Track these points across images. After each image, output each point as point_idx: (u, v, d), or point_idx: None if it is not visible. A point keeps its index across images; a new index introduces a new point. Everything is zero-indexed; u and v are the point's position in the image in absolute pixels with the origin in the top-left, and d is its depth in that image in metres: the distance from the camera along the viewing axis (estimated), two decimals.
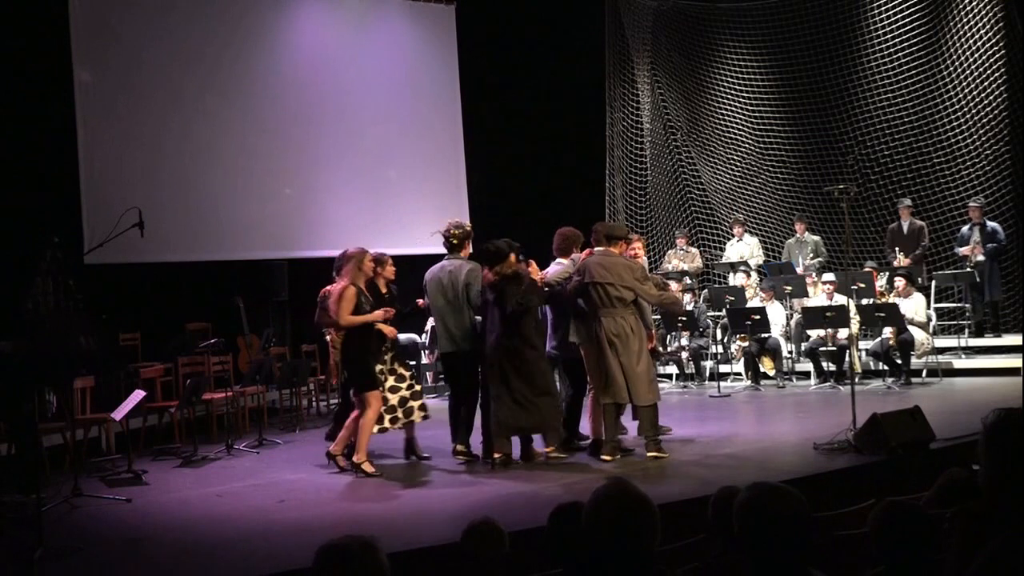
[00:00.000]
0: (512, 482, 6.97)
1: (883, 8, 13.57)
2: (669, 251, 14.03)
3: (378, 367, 7.59)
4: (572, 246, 8.14)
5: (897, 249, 12.31)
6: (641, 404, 7.40)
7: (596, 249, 7.65)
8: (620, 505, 2.59)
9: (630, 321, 7.43)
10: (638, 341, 7.42)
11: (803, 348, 11.51)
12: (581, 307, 7.60)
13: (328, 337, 9.75)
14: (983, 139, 12.82)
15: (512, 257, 7.57)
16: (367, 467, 7.31)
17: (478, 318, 7.86)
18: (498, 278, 7.47)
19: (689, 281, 12.88)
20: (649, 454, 7.39)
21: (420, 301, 8.25)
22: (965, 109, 12.93)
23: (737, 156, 14.60)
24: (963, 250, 12.13)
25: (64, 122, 10.99)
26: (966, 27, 12.93)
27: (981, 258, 11.97)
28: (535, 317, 7.65)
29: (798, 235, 13.13)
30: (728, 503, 3.18)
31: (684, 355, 12.11)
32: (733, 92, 14.64)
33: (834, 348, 11.11)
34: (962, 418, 7.68)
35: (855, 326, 10.51)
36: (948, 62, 13.10)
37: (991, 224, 12.07)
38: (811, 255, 12.91)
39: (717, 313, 12.36)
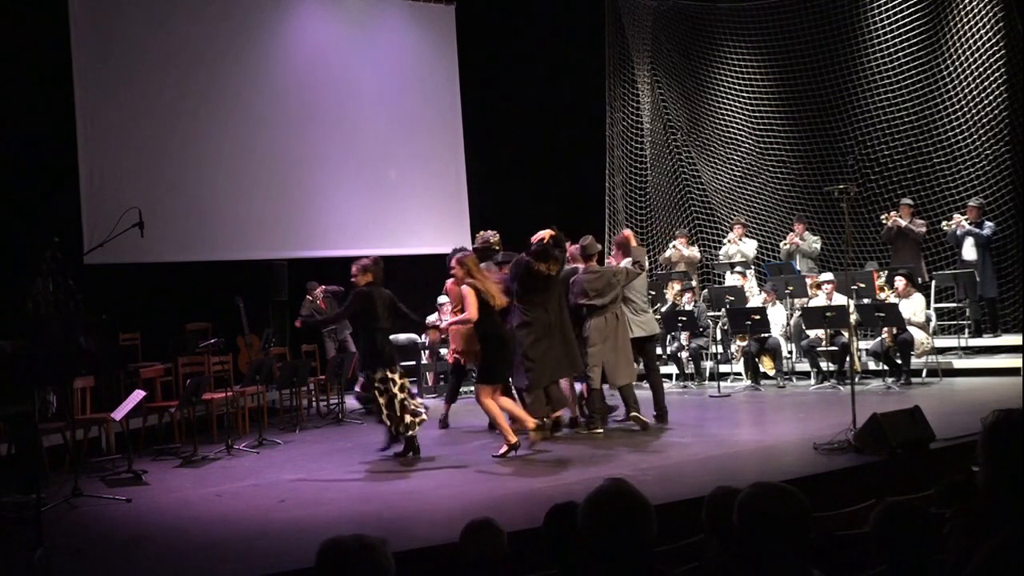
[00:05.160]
0: (511, 481, 6.99)
1: (883, 8, 13.57)
2: (674, 242, 13.95)
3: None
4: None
5: (894, 214, 12.29)
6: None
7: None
8: (616, 504, 2.59)
9: None
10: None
11: (803, 346, 11.50)
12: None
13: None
14: (983, 139, 12.81)
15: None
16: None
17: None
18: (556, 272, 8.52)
19: (692, 283, 12.91)
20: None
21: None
22: (965, 109, 12.93)
23: (737, 156, 14.59)
24: (952, 222, 12.13)
25: (64, 122, 10.99)
26: (966, 27, 12.92)
27: (973, 257, 11.95)
28: None
29: (798, 234, 13.12)
30: (722, 503, 3.19)
31: (684, 355, 12.11)
32: (733, 92, 14.64)
33: (835, 348, 11.11)
34: (962, 418, 7.68)
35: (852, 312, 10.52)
36: (948, 62, 13.09)
37: (987, 225, 12.04)
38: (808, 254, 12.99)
39: (717, 313, 12.37)
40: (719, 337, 12.17)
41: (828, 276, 11.67)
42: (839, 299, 11.07)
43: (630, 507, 2.58)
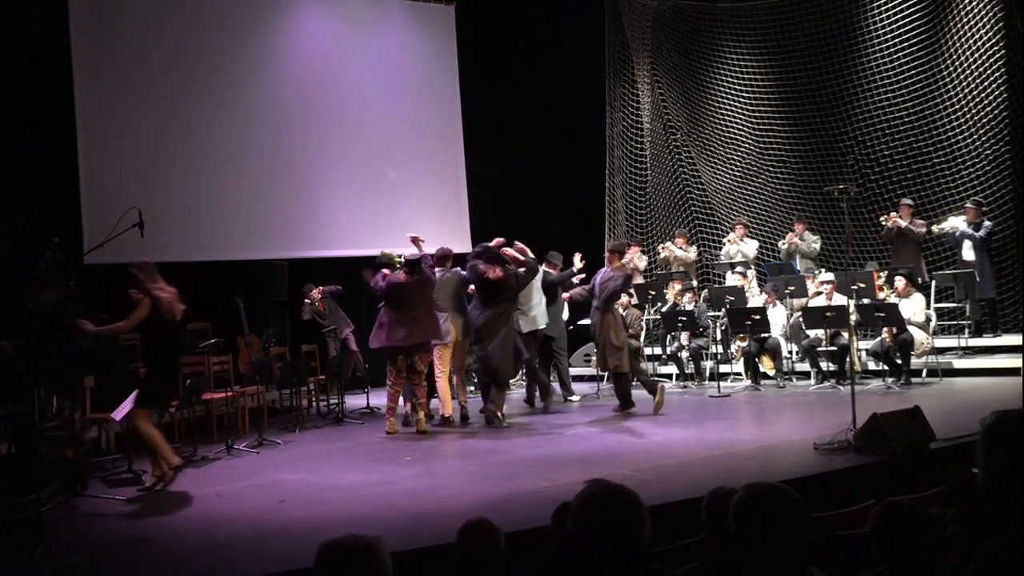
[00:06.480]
0: (511, 481, 6.98)
1: (883, 8, 13.57)
2: (667, 243, 13.97)
3: None
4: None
5: (894, 215, 12.29)
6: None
7: None
8: (605, 503, 2.57)
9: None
10: None
11: (803, 346, 11.50)
12: None
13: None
14: (983, 139, 12.81)
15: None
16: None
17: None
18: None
19: (692, 283, 12.93)
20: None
21: None
22: (965, 109, 12.92)
23: (737, 156, 14.59)
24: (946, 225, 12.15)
25: (64, 122, 10.98)
26: (966, 27, 12.92)
27: (972, 258, 11.94)
28: None
29: (798, 234, 13.12)
30: (720, 504, 3.19)
31: (684, 355, 12.11)
32: (733, 92, 14.64)
33: (834, 348, 11.11)
34: (962, 418, 7.68)
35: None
36: (948, 62, 13.09)
37: (985, 225, 12.01)
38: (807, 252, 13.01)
39: (717, 313, 12.37)
40: (719, 337, 12.18)
41: (828, 276, 11.67)
42: (839, 299, 11.06)
43: (620, 502, 2.56)
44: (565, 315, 11.66)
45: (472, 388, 11.36)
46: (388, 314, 9.52)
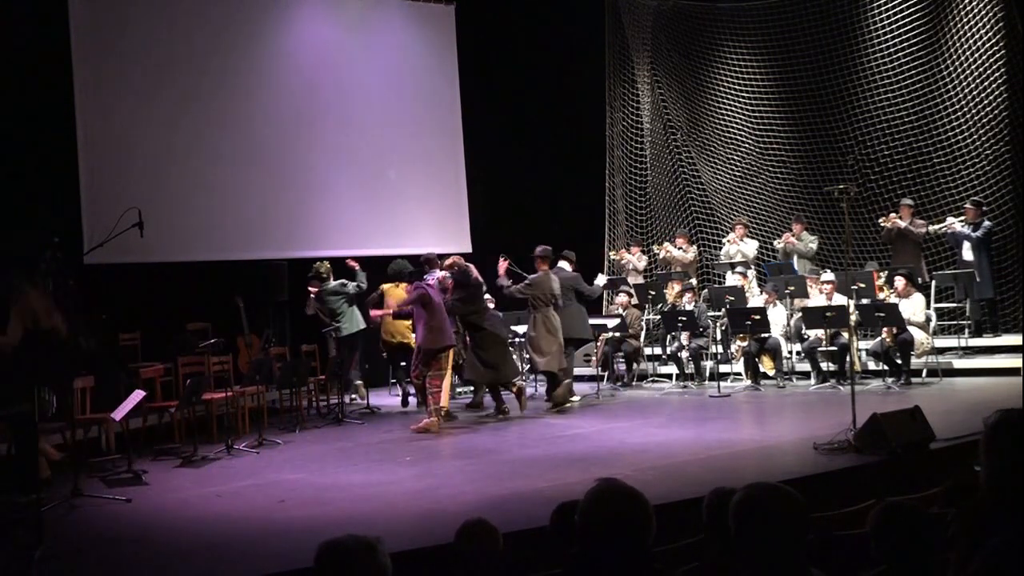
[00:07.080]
0: (510, 481, 6.99)
1: (883, 8, 13.56)
2: (666, 243, 14.00)
3: None
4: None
5: (893, 216, 12.29)
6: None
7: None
8: (614, 502, 2.58)
9: None
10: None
11: (804, 347, 11.49)
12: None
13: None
14: (983, 139, 12.80)
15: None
16: None
17: None
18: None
19: (692, 282, 12.94)
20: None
21: None
22: (965, 109, 12.92)
23: (737, 156, 14.59)
24: (941, 226, 12.16)
25: (64, 122, 10.98)
26: (966, 27, 12.92)
27: (971, 257, 11.94)
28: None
29: (796, 234, 13.11)
30: (721, 504, 3.19)
31: (684, 355, 12.11)
32: (733, 92, 14.63)
33: (834, 348, 11.11)
34: (962, 418, 7.68)
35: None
36: (948, 62, 13.09)
37: (984, 225, 12.00)
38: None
39: (717, 313, 12.36)
40: (719, 337, 12.17)
41: (829, 276, 11.67)
42: (839, 299, 11.06)
43: (627, 502, 2.57)
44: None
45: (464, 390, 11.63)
46: (436, 316, 9.84)
